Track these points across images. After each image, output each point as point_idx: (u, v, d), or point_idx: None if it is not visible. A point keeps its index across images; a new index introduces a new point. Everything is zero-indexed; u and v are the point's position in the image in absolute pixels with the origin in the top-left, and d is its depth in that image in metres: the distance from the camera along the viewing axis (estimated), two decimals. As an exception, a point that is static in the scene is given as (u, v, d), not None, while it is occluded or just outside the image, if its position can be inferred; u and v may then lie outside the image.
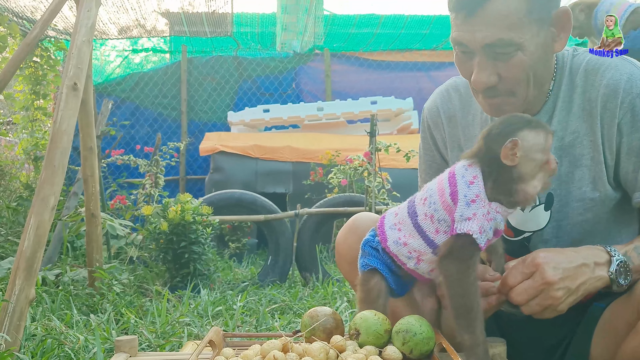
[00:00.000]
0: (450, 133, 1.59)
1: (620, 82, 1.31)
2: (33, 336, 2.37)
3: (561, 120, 1.39)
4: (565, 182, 1.39)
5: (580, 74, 1.37)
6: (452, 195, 1.25)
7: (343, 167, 4.81)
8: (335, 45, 7.42)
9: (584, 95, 1.36)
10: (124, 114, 7.05)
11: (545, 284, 1.20)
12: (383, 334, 1.31)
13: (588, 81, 1.36)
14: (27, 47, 3.08)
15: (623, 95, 1.30)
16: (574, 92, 1.38)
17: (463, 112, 1.56)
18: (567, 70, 1.39)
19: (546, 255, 1.22)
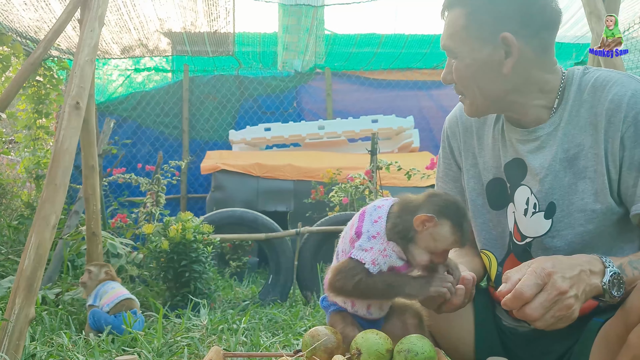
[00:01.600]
0: (466, 142, 1.68)
1: (625, 97, 1.35)
2: (32, 356, 2.35)
3: (567, 133, 1.43)
4: (568, 193, 1.43)
5: (588, 89, 1.43)
6: (357, 230, 1.42)
7: (344, 185, 4.81)
8: (337, 65, 7.47)
9: (591, 110, 1.41)
10: (126, 133, 7.08)
11: (560, 294, 1.19)
12: (385, 353, 1.30)
13: (595, 96, 1.41)
14: (31, 66, 3.11)
15: (627, 110, 1.35)
16: (581, 107, 1.43)
17: (478, 123, 1.66)
18: (576, 86, 1.45)
19: (554, 264, 1.23)
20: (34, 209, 5.10)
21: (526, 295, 1.20)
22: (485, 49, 1.41)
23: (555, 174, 1.44)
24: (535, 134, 1.48)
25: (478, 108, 1.50)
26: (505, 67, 1.42)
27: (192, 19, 6.02)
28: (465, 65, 1.44)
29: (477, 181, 1.65)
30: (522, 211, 1.51)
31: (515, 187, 1.53)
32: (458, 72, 1.46)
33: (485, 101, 1.47)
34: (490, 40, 1.40)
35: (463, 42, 1.43)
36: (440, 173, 1.79)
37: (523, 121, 1.50)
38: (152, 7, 5.53)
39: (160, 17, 5.88)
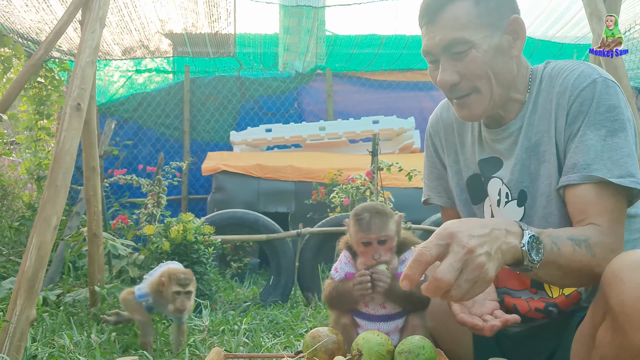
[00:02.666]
0: (448, 140, 1.76)
1: (571, 79, 1.44)
2: (34, 357, 2.36)
3: (530, 123, 1.51)
4: (534, 179, 1.49)
5: (545, 80, 1.51)
6: None
7: (345, 186, 4.80)
8: (337, 66, 7.47)
9: (547, 97, 1.49)
10: (127, 134, 7.08)
11: (468, 252, 1.10)
12: (385, 354, 1.30)
13: (550, 84, 1.49)
14: (32, 67, 3.11)
15: (572, 90, 1.43)
16: (539, 96, 1.51)
17: (458, 121, 1.72)
18: (538, 80, 1.53)
19: (459, 224, 1.16)
20: (35, 210, 5.11)
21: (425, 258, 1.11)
22: (496, 35, 1.45)
23: (522, 163, 1.51)
24: (507, 132, 1.56)
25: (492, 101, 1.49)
26: (515, 49, 1.48)
27: (193, 20, 6.02)
28: (483, 52, 1.43)
29: (459, 177, 1.72)
30: (496, 202, 1.57)
31: (488, 180, 1.60)
32: (474, 63, 1.43)
33: (501, 90, 1.48)
34: (498, 25, 1.45)
35: (477, 29, 1.43)
36: (426, 171, 1.85)
37: (502, 120, 1.57)
38: (153, 8, 5.53)
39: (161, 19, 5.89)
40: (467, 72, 1.45)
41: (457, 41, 1.43)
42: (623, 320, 1.17)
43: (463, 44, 1.43)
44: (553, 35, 6.61)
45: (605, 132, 1.37)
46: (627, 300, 1.15)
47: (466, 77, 1.45)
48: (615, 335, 1.20)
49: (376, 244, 1.53)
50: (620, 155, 1.36)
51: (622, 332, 1.18)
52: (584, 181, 1.36)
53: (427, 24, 1.47)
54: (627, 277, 1.17)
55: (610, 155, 1.36)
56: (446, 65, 1.46)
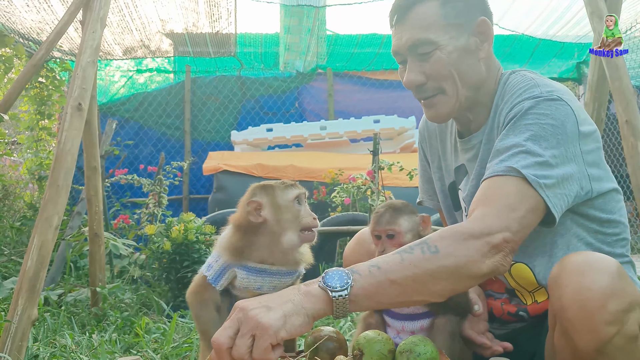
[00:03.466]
0: (432, 146, 1.79)
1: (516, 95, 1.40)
2: (35, 357, 2.36)
3: (490, 138, 1.49)
4: None
5: (504, 93, 1.48)
6: None
7: (346, 185, 4.81)
8: (338, 65, 7.47)
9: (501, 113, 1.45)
10: (128, 134, 7.08)
11: (240, 310, 1.09)
12: (387, 354, 1.30)
13: (504, 99, 1.46)
14: (33, 68, 3.12)
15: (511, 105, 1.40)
16: (499, 110, 1.47)
17: (440, 128, 1.74)
18: (500, 90, 1.51)
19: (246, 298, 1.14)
20: (36, 210, 5.11)
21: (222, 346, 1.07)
22: (463, 36, 1.44)
23: (478, 178, 1.48)
24: (470, 143, 1.56)
25: (458, 102, 1.48)
26: (482, 51, 1.47)
27: (193, 20, 6.02)
28: (447, 53, 1.43)
29: (442, 183, 1.74)
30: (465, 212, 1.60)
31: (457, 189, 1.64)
32: (439, 64, 1.43)
33: (467, 92, 1.47)
34: (466, 27, 1.45)
35: (443, 30, 1.43)
36: (419, 174, 1.89)
37: (470, 125, 1.56)
38: (154, 8, 5.53)
39: (162, 18, 5.89)
40: (432, 73, 1.45)
41: (422, 41, 1.43)
42: (566, 324, 1.18)
43: (428, 44, 1.43)
44: (554, 34, 6.61)
45: (528, 135, 1.30)
46: (566, 305, 1.16)
47: (432, 77, 1.46)
48: (565, 340, 1.22)
49: (385, 238, 1.51)
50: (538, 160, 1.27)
51: (567, 335, 1.20)
52: (492, 174, 1.30)
53: (396, 24, 1.48)
54: (565, 282, 1.18)
55: (526, 156, 1.28)
56: (412, 66, 1.47)
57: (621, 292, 1.13)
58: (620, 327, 1.12)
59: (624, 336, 1.13)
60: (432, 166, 1.79)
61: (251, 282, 1.51)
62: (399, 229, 1.50)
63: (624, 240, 1.47)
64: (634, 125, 2.73)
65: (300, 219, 1.50)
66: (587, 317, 1.12)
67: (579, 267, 1.17)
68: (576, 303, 1.14)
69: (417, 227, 1.53)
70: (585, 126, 1.36)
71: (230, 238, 1.53)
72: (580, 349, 1.17)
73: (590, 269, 1.16)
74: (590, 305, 1.12)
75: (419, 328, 1.50)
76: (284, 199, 1.51)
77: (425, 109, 1.53)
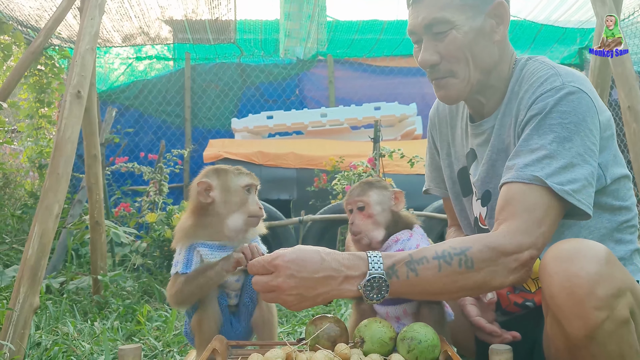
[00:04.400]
0: (442, 132, 1.79)
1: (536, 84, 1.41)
2: (37, 344, 2.37)
3: (503, 124, 1.50)
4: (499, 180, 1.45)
5: (521, 80, 1.48)
6: None
7: (347, 173, 4.79)
8: (339, 52, 7.43)
9: (518, 100, 1.46)
10: (128, 122, 7.06)
11: (277, 288, 1.23)
12: (388, 341, 1.30)
13: (522, 87, 1.46)
14: (32, 55, 3.10)
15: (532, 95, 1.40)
16: (515, 97, 1.48)
17: (451, 115, 1.76)
18: (517, 76, 1.50)
19: (290, 260, 1.23)
20: (37, 198, 5.11)
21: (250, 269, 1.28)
22: (479, 17, 1.44)
23: (492, 164, 1.51)
24: (481, 128, 1.57)
25: (469, 85, 1.49)
26: (497, 34, 1.47)
27: (193, 7, 5.98)
28: (463, 33, 1.43)
29: (451, 170, 1.75)
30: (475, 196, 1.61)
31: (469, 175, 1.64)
32: (454, 44, 1.43)
33: (480, 75, 1.48)
34: (482, 8, 1.45)
35: (459, 10, 1.43)
36: (427, 161, 1.90)
37: (483, 109, 1.57)
38: (153, -6, 5.50)
39: (162, 5, 5.85)
40: (446, 53, 1.46)
41: (438, 20, 1.43)
42: (556, 311, 1.19)
43: (444, 23, 1.43)
44: (556, 19, 6.56)
45: (553, 137, 1.32)
46: (555, 293, 1.17)
47: (445, 58, 1.46)
48: (557, 328, 1.24)
49: (356, 210, 1.52)
50: (563, 164, 1.30)
51: (558, 322, 1.21)
52: (517, 180, 1.32)
53: (413, 3, 1.49)
54: (553, 270, 1.19)
55: (551, 162, 1.30)
56: (427, 45, 1.48)
57: (610, 278, 1.14)
58: (610, 313, 1.13)
59: (614, 321, 1.14)
60: (441, 153, 1.80)
61: (217, 258, 1.57)
62: (367, 199, 1.51)
63: (633, 227, 1.48)
64: (637, 111, 2.71)
65: (247, 206, 1.60)
66: (576, 303, 1.14)
67: (567, 254, 1.19)
68: (565, 290, 1.15)
69: (388, 201, 1.54)
70: (602, 114, 1.39)
71: (185, 222, 1.62)
72: (571, 335, 1.18)
73: (578, 256, 1.17)
74: (579, 291, 1.13)
75: (402, 312, 1.50)
76: (235, 183, 1.61)
77: (436, 89, 1.54)
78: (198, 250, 1.58)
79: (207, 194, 1.59)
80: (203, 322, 1.55)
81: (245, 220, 1.60)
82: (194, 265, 1.57)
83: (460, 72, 1.47)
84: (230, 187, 1.60)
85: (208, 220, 1.59)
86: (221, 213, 1.59)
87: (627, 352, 1.17)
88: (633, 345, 1.17)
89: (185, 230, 1.61)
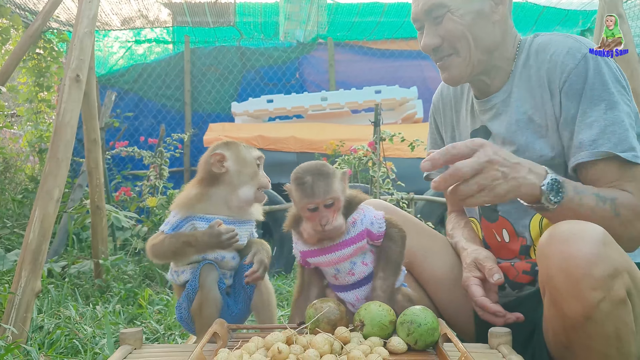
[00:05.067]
0: (446, 116, 1.82)
1: (560, 55, 1.46)
2: (40, 328, 2.39)
3: (520, 97, 1.53)
4: (524, 151, 1.50)
5: (533, 54, 1.53)
6: None
7: (347, 157, 4.79)
8: (339, 35, 7.37)
9: (537, 73, 1.50)
10: (128, 106, 7.04)
11: (488, 161, 1.23)
12: (388, 325, 1.31)
13: (538, 59, 1.51)
14: (30, 38, 3.08)
15: (562, 67, 1.45)
16: (530, 70, 1.52)
17: (456, 98, 1.78)
18: (526, 53, 1.55)
19: (491, 145, 1.28)
20: (37, 183, 5.11)
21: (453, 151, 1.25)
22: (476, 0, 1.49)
23: (512, 135, 1.53)
24: (490, 103, 1.60)
25: (470, 65, 1.53)
26: (496, 14, 1.52)
27: (192, -11, 5.93)
28: (460, 16, 1.49)
29: None
30: None
31: None
32: (452, 26, 1.49)
33: (481, 55, 1.52)
34: None
35: None
36: (429, 146, 1.92)
37: (488, 88, 1.60)
38: (152, -24, 5.44)
39: (160, -13, 5.79)
40: (446, 34, 1.51)
41: (436, 5, 1.49)
42: (553, 292, 1.21)
43: (441, 7, 1.49)
44: (558, 1, 6.50)
45: (604, 106, 1.40)
46: (553, 274, 1.19)
47: (446, 39, 1.52)
48: (554, 309, 1.25)
49: (322, 208, 1.40)
50: (623, 128, 1.38)
51: (555, 304, 1.22)
52: (594, 157, 1.38)
53: None
54: (551, 251, 1.21)
55: (614, 129, 1.38)
56: (428, 30, 1.54)
57: (606, 258, 1.15)
58: (607, 293, 1.14)
59: (610, 301, 1.15)
60: (445, 137, 1.83)
61: None
62: (337, 195, 1.41)
63: None
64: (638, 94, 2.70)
65: (258, 178, 1.65)
66: (572, 284, 1.15)
67: (564, 236, 1.20)
68: (562, 271, 1.17)
69: (343, 186, 1.45)
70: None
71: (189, 193, 1.63)
72: (568, 316, 1.19)
73: (575, 238, 1.18)
74: (576, 272, 1.15)
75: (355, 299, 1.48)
76: (249, 155, 1.66)
77: (441, 71, 1.59)
78: (193, 223, 1.59)
79: (221, 165, 1.61)
80: (204, 307, 1.56)
81: (255, 192, 1.64)
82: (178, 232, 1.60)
83: (462, 50, 1.52)
84: (244, 159, 1.64)
85: (215, 191, 1.62)
86: (234, 183, 1.62)
87: (623, 332, 1.18)
88: (629, 325, 1.19)
89: (187, 199, 1.61)
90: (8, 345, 1.96)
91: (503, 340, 1.29)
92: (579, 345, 1.23)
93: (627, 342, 1.19)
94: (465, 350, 1.15)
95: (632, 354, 1.22)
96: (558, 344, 1.31)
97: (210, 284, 1.58)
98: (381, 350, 1.22)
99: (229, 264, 1.65)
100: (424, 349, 1.28)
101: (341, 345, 1.24)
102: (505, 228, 1.60)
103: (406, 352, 1.28)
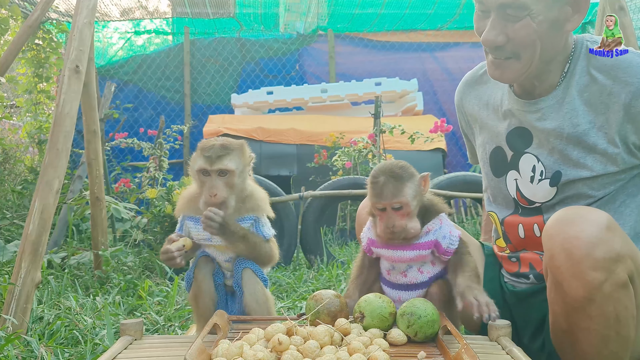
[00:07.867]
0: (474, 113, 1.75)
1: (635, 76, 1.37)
2: (40, 318, 2.39)
3: (575, 108, 1.45)
4: (575, 165, 1.45)
5: (601, 68, 1.42)
6: None
7: (347, 149, 4.78)
8: (339, 26, 7.34)
9: (605, 89, 1.41)
10: (127, 97, 7.02)
11: None
12: (388, 316, 1.31)
13: (611, 75, 1.40)
14: (29, 29, 3.07)
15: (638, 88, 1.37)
16: (595, 83, 1.43)
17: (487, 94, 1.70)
18: (584, 61, 1.45)
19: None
20: (37, 174, 5.10)
21: None
22: (556, 6, 1.37)
23: (564, 146, 1.47)
24: (536, 106, 1.51)
25: (527, 71, 1.44)
26: (571, 23, 1.41)
27: (192, -20, 5.89)
28: (538, 22, 1.36)
29: (483, 150, 1.72)
30: (529, 178, 1.55)
31: (520, 155, 1.57)
32: (526, 32, 1.37)
33: (541, 63, 1.43)
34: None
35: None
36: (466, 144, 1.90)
37: (535, 89, 1.52)
38: (151, -33, 5.40)
39: (160, -22, 5.76)
40: (515, 37, 1.39)
41: (517, 5, 1.35)
42: (556, 273, 1.23)
43: (521, 9, 1.36)
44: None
45: None
46: (555, 254, 1.22)
47: (513, 41, 1.40)
48: (556, 291, 1.26)
49: (390, 210, 1.40)
50: None
51: (558, 284, 1.24)
52: None
53: None
54: (554, 232, 1.23)
55: None
56: (496, 24, 1.40)
57: (609, 242, 1.17)
58: (608, 275, 1.17)
59: (611, 284, 1.17)
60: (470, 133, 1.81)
61: (200, 232, 1.59)
62: (405, 199, 1.39)
63: None
64: None
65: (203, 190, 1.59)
66: (574, 264, 1.18)
67: (569, 218, 1.22)
68: (564, 251, 1.19)
69: (420, 189, 1.44)
70: None
71: (187, 191, 1.65)
72: (569, 296, 1.21)
73: (579, 220, 1.21)
74: (577, 252, 1.17)
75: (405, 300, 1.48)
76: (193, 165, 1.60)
77: (493, 66, 1.48)
78: (186, 223, 1.63)
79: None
80: (199, 298, 1.59)
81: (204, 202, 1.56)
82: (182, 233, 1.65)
83: (525, 57, 1.42)
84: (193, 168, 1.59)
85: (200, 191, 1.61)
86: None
87: (622, 315, 1.20)
88: (630, 309, 1.21)
89: (181, 199, 1.66)
90: (8, 335, 1.96)
91: (503, 333, 1.30)
92: (578, 328, 1.25)
93: (626, 325, 1.22)
94: (465, 342, 1.16)
95: (630, 337, 1.24)
96: (557, 329, 1.33)
97: (204, 275, 1.61)
98: (381, 341, 1.23)
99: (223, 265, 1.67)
100: (424, 341, 1.29)
101: (341, 336, 1.24)
102: (537, 223, 1.56)
103: (406, 343, 1.28)
